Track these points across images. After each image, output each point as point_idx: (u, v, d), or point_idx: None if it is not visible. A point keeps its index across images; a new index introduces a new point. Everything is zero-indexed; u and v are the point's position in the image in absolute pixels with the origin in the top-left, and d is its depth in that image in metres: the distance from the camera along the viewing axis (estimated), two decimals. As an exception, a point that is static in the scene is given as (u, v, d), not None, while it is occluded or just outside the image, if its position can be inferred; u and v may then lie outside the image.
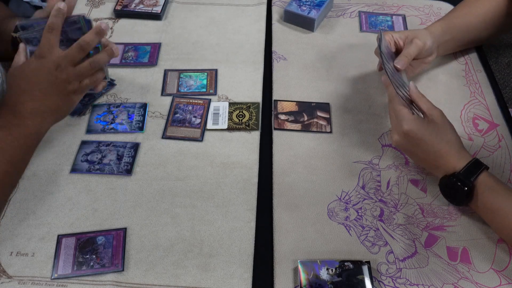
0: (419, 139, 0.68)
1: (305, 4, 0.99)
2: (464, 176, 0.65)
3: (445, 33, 0.86)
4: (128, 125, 0.81)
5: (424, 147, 0.68)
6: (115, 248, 0.66)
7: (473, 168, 0.66)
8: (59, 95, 0.70)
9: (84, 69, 0.73)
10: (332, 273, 0.63)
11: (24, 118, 0.67)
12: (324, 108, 0.85)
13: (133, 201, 0.72)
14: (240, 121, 0.82)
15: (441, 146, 0.68)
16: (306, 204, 0.72)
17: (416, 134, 0.68)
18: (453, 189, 0.67)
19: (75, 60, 0.72)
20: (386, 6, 1.05)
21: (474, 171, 0.65)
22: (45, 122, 0.70)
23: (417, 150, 0.70)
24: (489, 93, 0.88)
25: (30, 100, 0.68)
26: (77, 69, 0.72)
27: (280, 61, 0.94)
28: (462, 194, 0.66)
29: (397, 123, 0.70)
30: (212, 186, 0.74)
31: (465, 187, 0.65)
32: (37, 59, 0.70)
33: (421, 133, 0.68)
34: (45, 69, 0.69)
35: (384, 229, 0.69)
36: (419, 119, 0.69)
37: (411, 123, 0.68)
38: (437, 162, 0.68)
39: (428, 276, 0.65)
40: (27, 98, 0.68)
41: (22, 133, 0.67)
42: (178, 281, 0.64)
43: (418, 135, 0.68)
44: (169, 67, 0.92)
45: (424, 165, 0.73)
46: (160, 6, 1.03)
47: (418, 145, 0.69)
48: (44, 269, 0.64)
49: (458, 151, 0.68)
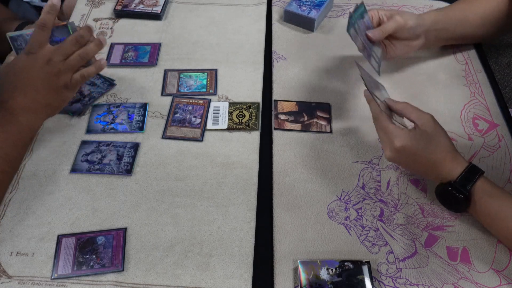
0: (413, 153, 0.67)
1: (305, 4, 0.99)
2: (460, 185, 0.65)
3: (438, 22, 0.85)
4: (128, 125, 0.81)
5: (419, 160, 0.67)
6: (115, 248, 0.66)
7: (469, 174, 0.65)
8: (51, 90, 0.70)
9: (75, 61, 0.72)
10: (332, 273, 0.63)
11: (16, 115, 0.67)
12: (324, 108, 0.85)
13: (133, 201, 0.72)
14: (240, 121, 0.82)
15: (435, 155, 0.67)
16: (306, 204, 0.72)
17: (410, 149, 0.66)
18: (449, 197, 0.66)
19: (68, 54, 0.71)
20: (386, 6, 1.05)
21: (471, 178, 0.65)
22: (37, 118, 0.70)
23: (412, 163, 0.69)
24: (489, 93, 0.88)
25: (21, 96, 0.68)
26: (67, 62, 0.71)
27: (280, 61, 0.94)
28: (459, 202, 0.65)
29: (387, 141, 0.68)
30: (212, 186, 0.74)
31: (461, 195, 0.64)
32: (27, 55, 0.70)
33: (415, 147, 0.66)
34: (36, 64, 0.69)
35: (384, 229, 0.69)
36: (411, 133, 0.67)
37: (403, 138, 0.66)
38: (433, 170, 0.68)
39: (428, 276, 0.65)
40: (19, 95, 0.68)
41: (15, 130, 0.67)
42: (178, 281, 0.64)
43: (412, 150, 0.66)
44: (169, 67, 0.92)
45: (421, 175, 0.73)
46: (160, 6, 1.03)
47: (412, 158, 0.68)
48: (44, 269, 0.64)
49: (453, 157, 0.67)
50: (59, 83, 0.71)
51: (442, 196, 0.68)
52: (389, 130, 0.68)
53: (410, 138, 0.66)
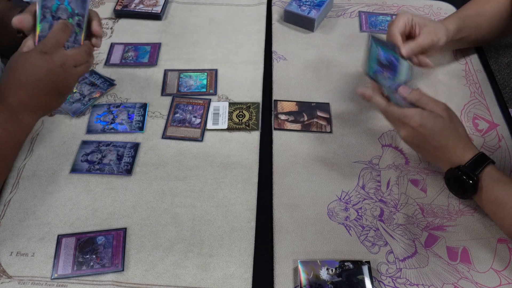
0: (429, 133, 0.68)
1: (305, 4, 0.99)
2: (469, 169, 0.65)
3: (459, 32, 0.84)
4: (128, 125, 0.81)
5: (433, 142, 0.68)
6: (115, 248, 0.66)
7: (479, 161, 0.66)
8: (55, 93, 0.69)
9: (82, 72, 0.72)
10: (332, 273, 0.63)
11: (16, 113, 0.66)
12: (324, 108, 0.85)
13: (133, 201, 0.72)
14: (240, 121, 0.82)
15: (449, 140, 0.68)
16: (306, 204, 0.72)
17: (426, 129, 0.67)
18: (458, 182, 0.67)
19: (80, 63, 0.71)
20: (386, 6, 1.05)
21: (480, 165, 0.65)
22: (35, 117, 0.70)
23: (426, 144, 0.69)
24: (489, 93, 0.88)
25: (26, 95, 0.67)
26: (78, 70, 0.71)
27: (280, 61, 0.94)
28: (467, 187, 0.66)
29: (402, 124, 0.69)
30: (212, 186, 0.74)
31: (470, 180, 0.65)
32: (41, 54, 0.67)
33: (431, 127, 0.67)
34: (50, 66, 0.67)
35: (384, 229, 0.69)
36: (428, 113, 0.68)
37: (420, 118, 0.67)
38: (445, 155, 0.68)
39: (428, 276, 0.65)
40: (23, 93, 0.66)
41: (13, 127, 0.66)
42: (178, 281, 0.64)
43: (428, 130, 0.67)
44: (169, 67, 0.92)
45: (431, 159, 0.73)
46: (160, 6, 1.03)
47: (427, 140, 0.68)
48: (44, 269, 0.64)
49: (466, 144, 0.68)
50: (64, 88, 0.70)
51: (451, 181, 0.69)
52: (405, 113, 0.69)
53: (427, 118, 0.67)
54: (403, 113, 0.69)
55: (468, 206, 0.72)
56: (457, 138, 0.68)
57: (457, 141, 0.68)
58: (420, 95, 0.71)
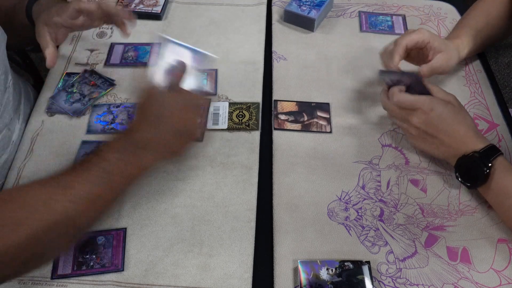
0: (441, 119, 0.68)
1: (305, 4, 0.99)
2: (482, 156, 0.66)
3: (470, 53, 0.86)
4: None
5: (445, 127, 0.69)
6: (115, 248, 0.66)
7: (490, 151, 0.66)
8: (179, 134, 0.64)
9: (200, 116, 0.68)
10: (332, 273, 0.63)
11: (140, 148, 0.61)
12: (324, 108, 0.85)
13: (133, 201, 0.72)
14: (240, 121, 0.82)
15: (461, 126, 0.68)
16: (306, 204, 0.72)
17: (437, 114, 0.68)
18: (472, 168, 0.67)
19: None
20: (386, 6, 1.05)
21: (492, 154, 0.66)
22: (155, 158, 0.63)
23: (438, 132, 0.69)
24: (489, 93, 0.88)
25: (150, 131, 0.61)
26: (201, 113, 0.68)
27: (280, 61, 0.94)
28: (480, 173, 0.66)
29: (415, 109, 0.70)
30: (212, 186, 0.74)
31: (485, 167, 0.65)
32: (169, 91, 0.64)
33: (442, 111, 0.68)
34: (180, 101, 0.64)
35: (384, 229, 0.69)
36: (439, 100, 0.70)
37: (432, 102, 0.69)
38: (457, 143, 0.68)
39: (428, 276, 0.65)
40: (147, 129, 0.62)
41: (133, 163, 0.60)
42: (178, 281, 0.64)
43: (439, 114, 0.68)
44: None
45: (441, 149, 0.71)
46: (160, 6, 1.03)
47: (439, 126, 0.69)
48: (44, 269, 0.64)
49: (476, 134, 0.69)
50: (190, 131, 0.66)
51: (462, 168, 0.68)
52: (417, 99, 0.70)
53: (438, 103, 0.69)
54: (416, 99, 0.70)
55: (468, 206, 0.72)
56: (469, 127, 0.69)
57: (469, 129, 0.69)
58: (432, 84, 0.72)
